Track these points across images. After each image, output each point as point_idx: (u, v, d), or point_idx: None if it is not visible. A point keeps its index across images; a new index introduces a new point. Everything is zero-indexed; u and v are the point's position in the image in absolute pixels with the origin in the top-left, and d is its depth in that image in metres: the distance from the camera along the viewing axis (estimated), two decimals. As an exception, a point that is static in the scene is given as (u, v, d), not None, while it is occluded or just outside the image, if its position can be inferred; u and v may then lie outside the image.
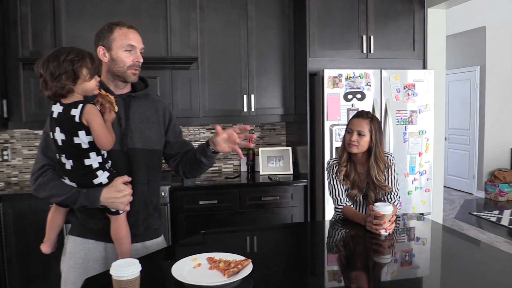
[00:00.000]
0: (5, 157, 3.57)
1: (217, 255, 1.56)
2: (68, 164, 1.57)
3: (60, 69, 1.48)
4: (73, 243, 1.76)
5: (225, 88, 3.57)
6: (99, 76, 1.62)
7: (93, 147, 1.56)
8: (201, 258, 1.56)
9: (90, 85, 1.55)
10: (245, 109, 3.60)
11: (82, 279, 1.51)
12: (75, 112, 1.51)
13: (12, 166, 3.60)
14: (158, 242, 1.89)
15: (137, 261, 1.29)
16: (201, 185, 3.37)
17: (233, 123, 3.93)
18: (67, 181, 1.60)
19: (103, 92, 1.60)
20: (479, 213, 5.91)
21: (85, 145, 1.55)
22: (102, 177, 1.61)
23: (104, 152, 1.63)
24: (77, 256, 1.73)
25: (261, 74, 3.62)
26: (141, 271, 1.27)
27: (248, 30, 3.57)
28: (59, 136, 1.55)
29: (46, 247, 1.76)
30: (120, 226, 1.67)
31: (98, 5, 3.25)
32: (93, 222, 1.72)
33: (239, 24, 3.55)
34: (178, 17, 3.38)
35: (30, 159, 3.61)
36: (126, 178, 1.67)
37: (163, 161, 1.94)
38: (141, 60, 1.73)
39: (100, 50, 1.70)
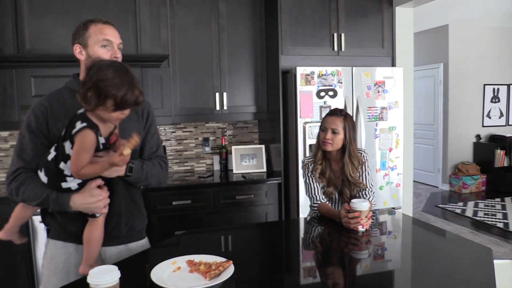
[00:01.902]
0: (-35, 160, 3.38)
1: (197, 258, 1.53)
2: (52, 155, 1.52)
3: (91, 82, 1.41)
4: (53, 247, 1.70)
5: (197, 86, 3.51)
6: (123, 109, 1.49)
7: None
8: (181, 261, 1.52)
9: (110, 116, 1.46)
10: (218, 107, 3.56)
11: (64, 284, 1.46)
12: (77, 125, 1.45)
13: (-27, 169, 3.43)
14: (142, 244, 1.84)
15: (116, 267, 1.24)
16: (174, 185, 3.31)
17: (206, 121, 3.89)
18: (42, 174, 1.54)
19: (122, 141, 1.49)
20: (444, 206, 6.12)
21: (68, 151, 1.49)
22: (71, 183, 1.54)
23: None
24: (58, 260, 1.68)
25: (233, 71, 3.59)
26: (120, 278, 1.23)
27: (219, 27, 3.53)
28: (68, 148, 1.50)
29: (2, 234, 1.73)
30: (94, 229, 1.60)
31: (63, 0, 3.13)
32: (73, 224, 1.65)
33: (210, 21, 3.51)
34: (148, 13, 3.30)
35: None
36: (100, 181, 1.58)
37: None
38: (119, 56, 1.68)
39: (77, 48, 1.66)
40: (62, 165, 1.51)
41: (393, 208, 3.42)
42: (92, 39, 1.63)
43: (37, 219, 2.87)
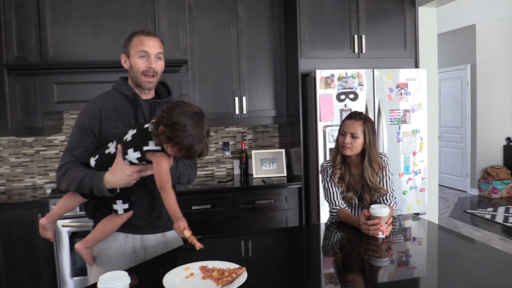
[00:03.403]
0: (-8, 165, 3.48)
1: (210, 264, 1.51)
2: (112, 149, 1.65)
3: (169, 122, 1.51)
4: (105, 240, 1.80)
5: (216, 91, 3.52)
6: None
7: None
8: (194, 267, 1.51)
9: (171, 153, 1.59)
10: (237, 112, 3.55)
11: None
12: (151, 145, 1.58)
13: (0, 174, 3.52)
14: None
15: (126, 273, 1.23)
16: (194, 189, 3.31)
17: (225, 126, 3.88)
18: (92, 160, 1.68)
19: (191, 237, 1.56)
20: (473, 211, 5.91)
21: (128, 157, 1.61)
22: None
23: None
24: (110, 251, 1.79)
25: (252, 75, 3.58)
26: (130, 284, 1.22)
27: (238, 31, 3.52)
28: (129, 135, 1.62)
29: (44, 219, 1.78)
30: (112, 223, 1.74)
31: (84, 7, 3.18)
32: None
33: (229, 26, 3.51)
34: (167, 19, 3.33)
35: (17, 167, 3.53)
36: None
37: None
38: (154, 67, 1.76)
39: (123, 58, 1.81)
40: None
41: (418, 213, 3.32)
42: (133, 50, 1.76)
43: (59, 223, 2.91)
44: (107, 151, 1.66)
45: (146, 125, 1.62)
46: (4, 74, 3.08)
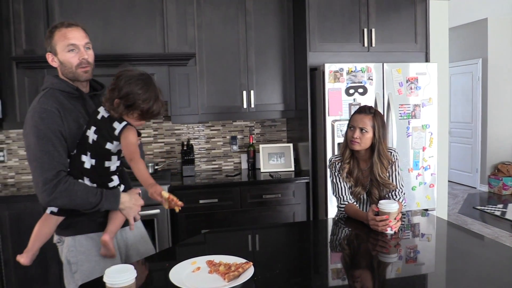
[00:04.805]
0: (1, 158, 3.50)
1: (217, 258, 1.51)
2: (88, 163, 1.64)
3: (121, 93, 1.55)
4: (85, 241, 1.73)
5: (224, 85, 3.50)
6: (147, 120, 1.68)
7: (118, 152, 1.67)
8: (201, 261, 1.50)
9: (133, 122, 1.63)
10: (245, 106, 3.53)
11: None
12: (117, 126, 1.60)
13: (9, 167, 3.54)
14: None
15: (132, 267, 1.23)
16: (201, 183, 3.30)
17: (233, 120, 3.87)
18: (87, 182, 1.66)
19: (171, 196, 1.60)
20: (483, 207, 5.85)
21: (113, 150, 1.65)
22: (115, 181, 1.73)
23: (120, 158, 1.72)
24: (95, 251, 1.72)
25: (260, 69, 3.55)
26: (136, 277, 1.21)
27: (246, 24, 3.49)
28: (92, 134, 1.62)
29: (25, 258, 1.72)
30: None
31: (92, 1, 3.17)
32: (100, 215, 1.73)
33: (237, 19, 3.48)
34: (175, 12, 3.31)
35: (26, 160, 3.54)
36: (139, 190, 1.81)
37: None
38: (86, 56, 1.70)
39: (49, 57, 1.71)
40: (107, 163, 1.68)
41: (427, 209, 3.28)
42: (59, 46, 1.67)
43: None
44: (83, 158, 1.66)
45: (99, 116, 1.63)
46: (13, 67, 3.10)
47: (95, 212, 1.68)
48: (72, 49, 1.67)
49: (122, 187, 1.77)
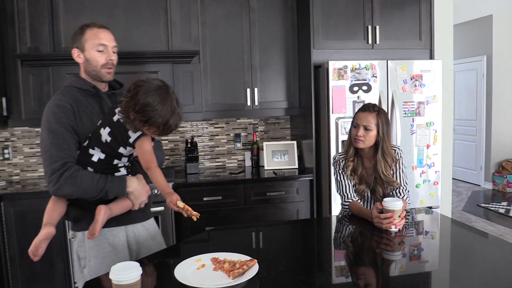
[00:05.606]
0: (6, 156, 3.52)
1: (221, 255, 1.51)
2: (97, 157, 1.65)
3: (137, 106, 1.51)
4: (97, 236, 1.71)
5: (228, 82, 3.50)
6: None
7: (130, 155, 1.70)
8: (205, 258, 1.51)
9: (148, 134, 1.62)
10: (249, 103, 3.53)
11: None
12: (132, 135, 1.60)
13: (14, 164, 3.56)
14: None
15: (138, 264, 1.24)
16: (205, 181, 3.31)
17: (237, 117, 3.87)
18: (96, 151, 1.67)
19: (186, 206, 1.60)
20: (487, 205, 5.84)
21: (125, 154, 1.68)
22: (122, 171, 1.75)
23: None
24: (104, 246, 1.75)
25: (264, 67, 3.55)
26: (142, 274, 1.22)
27: (250, 22, 3.49)
28: (105, 135, 1.63)
29: (49, 228, 1.71)
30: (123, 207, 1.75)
31: (97, -2, 3.19)
32: None
33: (241, 16, 3.48)
34: (179, 10, 3.31)
35: (31, 157, 3.57)
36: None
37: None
38: (113, 58, 1.78)
39: (75, 52, 1.76)
40: (116, 161, 1.69)
41: (431, 207, 3.28)
42: (88, 43, 1.73)
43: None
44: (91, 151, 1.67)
45: (115, 118, 1.62)
46: (17, 65, 3.11)
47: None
48: (101, 50, 1.73)
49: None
